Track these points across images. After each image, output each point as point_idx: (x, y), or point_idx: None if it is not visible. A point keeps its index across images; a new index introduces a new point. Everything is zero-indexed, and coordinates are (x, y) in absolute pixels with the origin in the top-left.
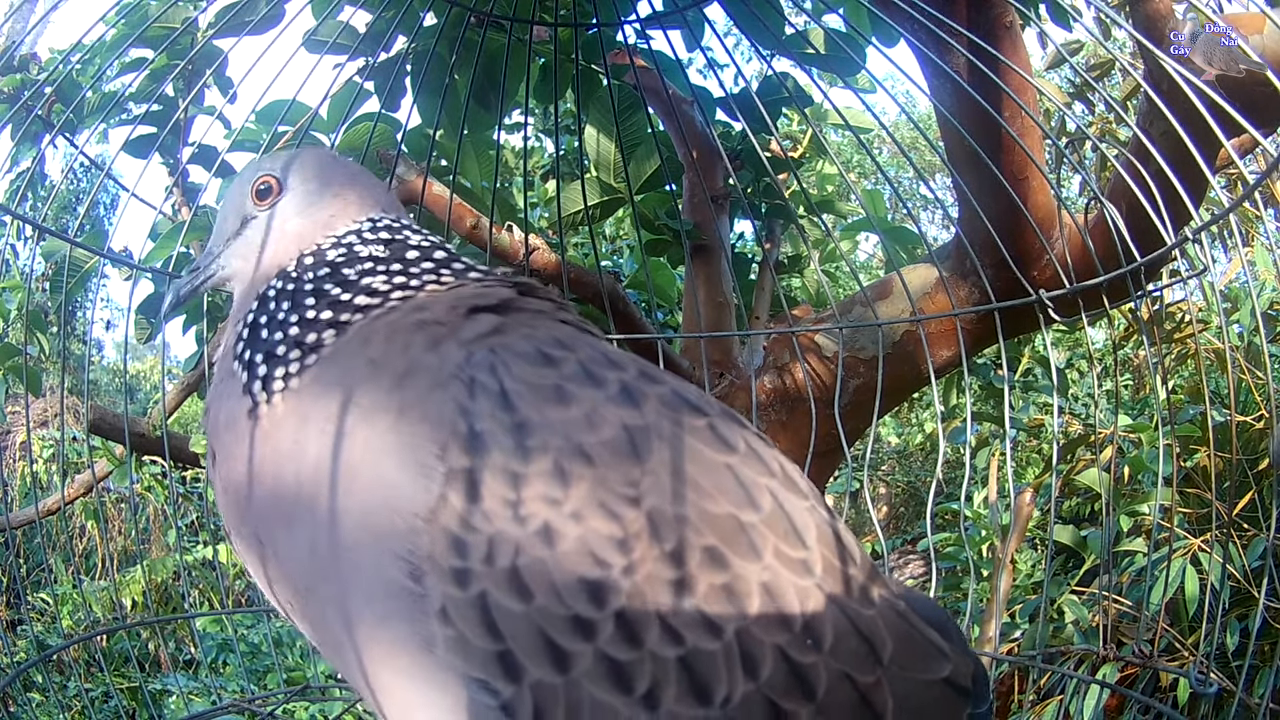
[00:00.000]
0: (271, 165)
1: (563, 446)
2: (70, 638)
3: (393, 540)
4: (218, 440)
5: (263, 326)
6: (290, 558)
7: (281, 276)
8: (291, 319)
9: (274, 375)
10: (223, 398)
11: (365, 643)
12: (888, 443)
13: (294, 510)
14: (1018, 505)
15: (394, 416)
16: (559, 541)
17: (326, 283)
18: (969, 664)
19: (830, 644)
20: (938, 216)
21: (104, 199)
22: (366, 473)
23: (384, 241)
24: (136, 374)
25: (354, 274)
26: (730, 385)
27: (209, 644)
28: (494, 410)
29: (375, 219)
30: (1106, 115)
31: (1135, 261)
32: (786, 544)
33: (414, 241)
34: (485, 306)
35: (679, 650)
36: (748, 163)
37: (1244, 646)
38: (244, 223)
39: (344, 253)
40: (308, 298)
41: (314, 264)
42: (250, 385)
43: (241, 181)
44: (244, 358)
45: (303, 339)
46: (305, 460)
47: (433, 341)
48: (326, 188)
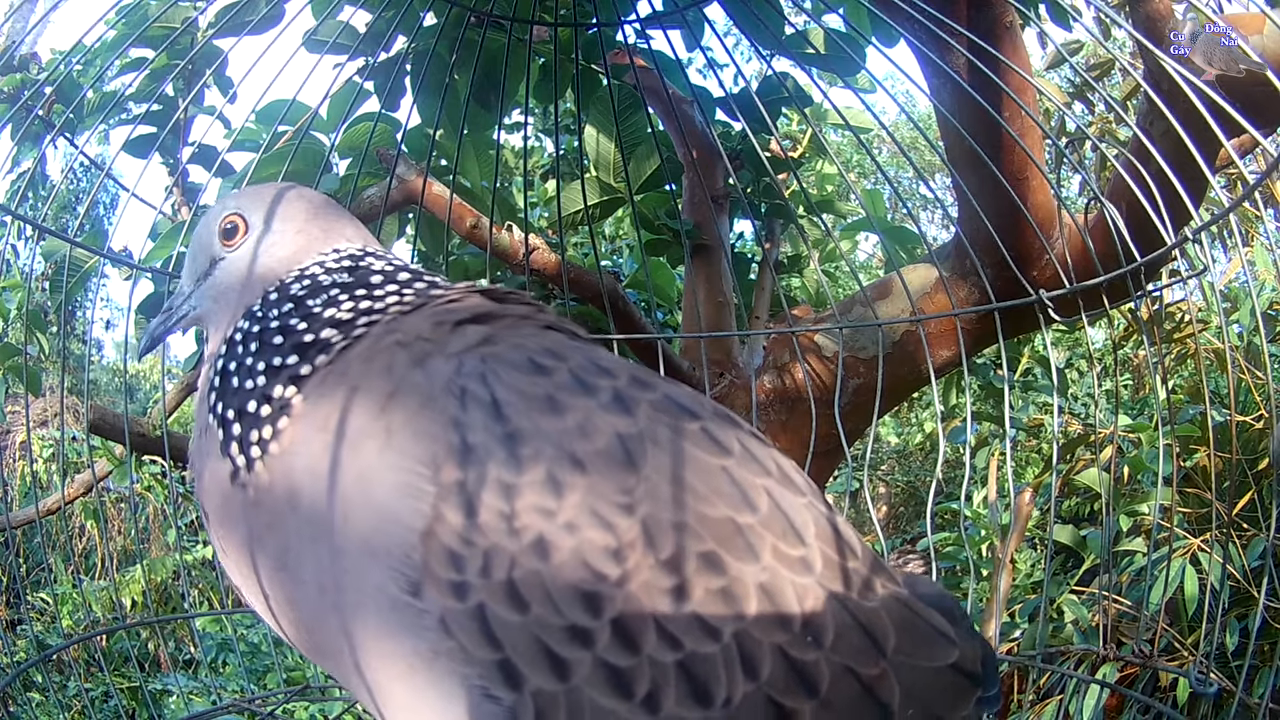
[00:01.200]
0: (237, 204)
1: (556, 456)
2: (70, 637)
3: (391, 557)
4: (208, 503)
5: (232, 374)
6: (300, 603)
7: (248, 317)
8: (259, 367)
9: (249, 439)
10: (204, 455)
11: (372, 661)
12: (887, 442)
13: (299, 563)
14: (1017, 505)
15: (383, 440)
16: (553, 552)
17: (291, 318)
18: (976, 648)
19: (831, 639)
20: (938, 216)
21: (104, 199)
22: (361, 501)
23: (347, 269)
24: (136, 374)
25: (318, 305)
26: (730, 385)
27: (209, 644)
28: (486, 421)
29: (339, 249)
30: (1106, 115)
31: (1135, 261)
32: (785, 543)
33: (377, 267)
34: (469, 319)
35: (677, 654)
36: (748, 163)
37: (1244, 646)
38: (212, 264)
39: (308, 284)
40: (274, 336)
41: (278, 299)
42: (227, 447)
43: (208, 220)
44: (217, 410)
45: (269, 392)
46: (301, 516)
47: (418, 359)
48: (289, 224)
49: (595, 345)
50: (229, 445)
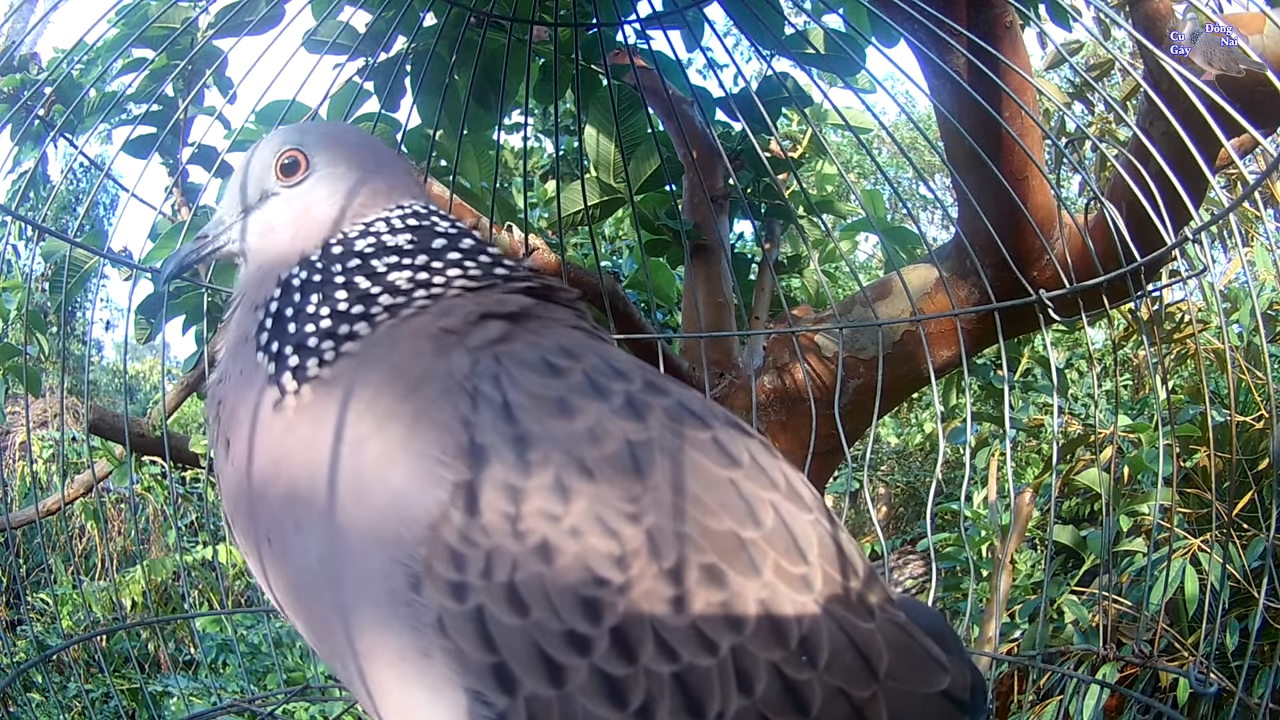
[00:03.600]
0: (300, 139)
1: (564, 461)
2: (70, 638)
3: (397, 548)
4: (235, 431)
5: (289, 319)
6: (297, 562)
7: (306, 266)
8: (323, 311)
9: (306, 365)
10: (241, 388)
11: (365, 648)
12: (887, 443)
13: (306, 513)
14: (1017, 505)
15: (406, 424)
16: (556, 557)
17: (357, 275)
18: (967, 675)
19: (826, 660)
20: (938, 216)
21: (104, 199)
22: (377, 481)
23: (411, 228)
24: (136, 374)
25: (383, 266)
26: (730, 385)
27: (209, 644)
28: (496, 422)
29: (405, 205)
30: (1106, 115)
31: (1135, 261)
32: (787, 560)
33: (441, 229)
34: (499, 314)
35: (674, 666)
36: (748, 163)
37: (1244, 646)
38: (264, 197)
39: (373, 243)
40: (338, 290)
41: (342, 254)
42: (279, 376)
43: (264, 151)
44: (270, 349)
45: (335, 330)
46: (320, 463)
47: (445, 348)
48: (356, 173)
49: (611, 344)
50: (281, 375)
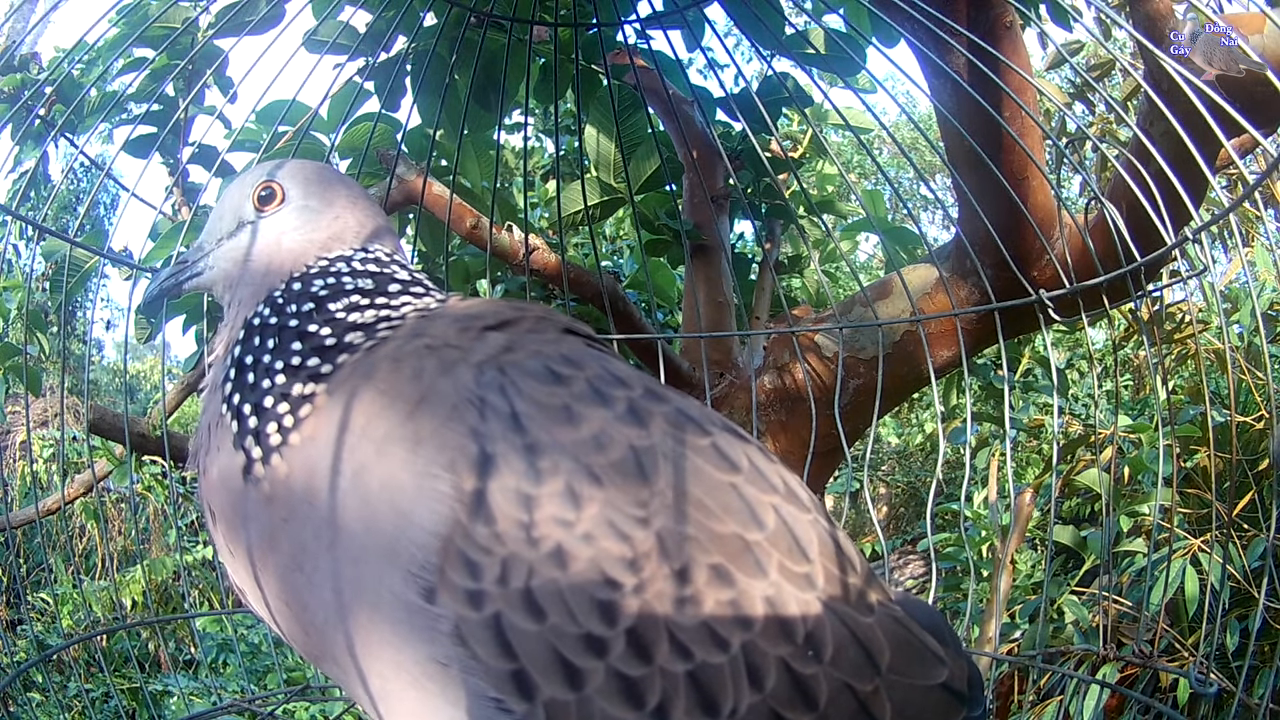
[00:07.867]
0: (277, 173)
1: (573, 468)
2: (70, 638)
3: (410, 562)
4: (214, 500)
5: (249, 369)
6: (312, 606)
7: (269, 303)
8: (277, 365)
9: (266, 431)
10: (212, 449)
11: (381, 667)
12: (888, 443)
13: (315, 564)
14: (1018, 505)
15: (410, 446)
16: (571, 562)
17: (311, 322)
18: (964, 668)
19: (831, 654)
20: (938, 216)
21: (104, 199)
22: (385, 505)
23: (371, 275)
24: (136, 374)
25: (340, 309)
26: (730, 385)
27: (209, 644)
28: (505, 432)
29: (369, 250)
30: (1106, 115)
31: (1135, 261)
32: (790, 559)
33: (400, 276)
34: (493, 325)
35: (688, 665)
36: (748, 163)
37: (1244, 647)
38: (240, 226)
39: (331, 283)
40: (293, 340)
41: (300, 292)
42: (242, 440)
43: (244, 183)
44: (232, 402)
45: (288, 390)
46: (319, 514)
47: (447, 365)
48: (329, 207)
49: (609, 352)
50: (244, 438)
